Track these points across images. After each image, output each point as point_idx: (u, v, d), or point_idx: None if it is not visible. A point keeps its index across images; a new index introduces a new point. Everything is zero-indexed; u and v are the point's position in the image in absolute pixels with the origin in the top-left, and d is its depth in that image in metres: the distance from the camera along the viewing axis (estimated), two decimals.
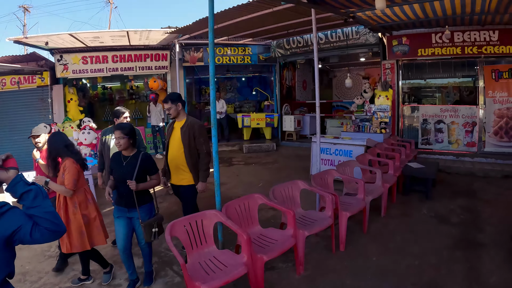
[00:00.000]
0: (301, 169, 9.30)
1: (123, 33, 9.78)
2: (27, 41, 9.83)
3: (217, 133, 11.49)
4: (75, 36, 9.64)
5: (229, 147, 12.99)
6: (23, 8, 26.43)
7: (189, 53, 13.00)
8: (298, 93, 15.16)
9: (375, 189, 5.62)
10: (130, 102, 15.67)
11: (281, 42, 12.52)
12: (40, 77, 11.68)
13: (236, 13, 7.16)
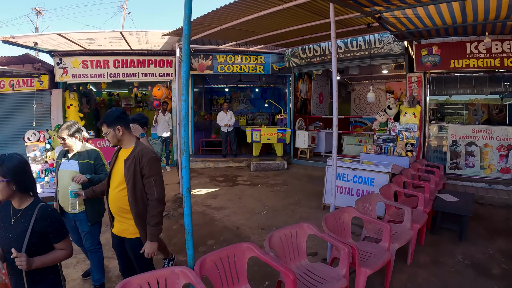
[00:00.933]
0: (313, 194, 8.13)
1: (117, 34, 8.93)
2: (16, 41, 9.07)
3: (225, 148, 10.80)
4: (65, 36, 8.90)
5: (236, 164, 11.87)
6: (36, 11, 26.31)
7: (197, 61, 12.13)
8: (313, 106, 13.96)
9: (403, 233, 4.44)
10: (137, 109, 15.29)
11: (296, 50, 11.41)
12: (38, 80, 11.25)
13: (240, 9, 6.08)
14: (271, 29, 7.64)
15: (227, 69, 12.19)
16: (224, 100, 16.45)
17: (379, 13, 5.89)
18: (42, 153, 8.31)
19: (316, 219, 6.48)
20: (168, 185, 9.31)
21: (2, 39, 8.74)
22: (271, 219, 6.70)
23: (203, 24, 6.96)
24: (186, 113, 3.09)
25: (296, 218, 6.71)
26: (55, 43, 9.80)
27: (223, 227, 6.43)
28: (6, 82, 11.46)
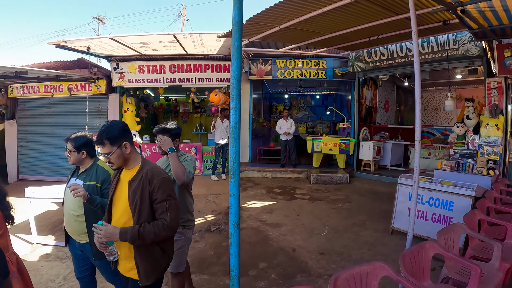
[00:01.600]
0: (379, 215, 7.24)
1: (170, 37, 8.57)
2: (68, 45, 9.08)
3: (283, 157, 10.19)
4: (117, 40, 8.75)
5: (295, 175, 11.18)
6: (98, 19, 27.37)
7: (256, 66, 11.64)
8: (379, 115, 12.96)
9: (490, 275, 3.54)
10: (195, 115, 15.20)
11: (361, 54, 10.53)
12: (96, 84, 11.32)
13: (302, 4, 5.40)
14: (335, 29, 6.91)
15: (287, 75, 11.59)
16: (283, 107, 15.91)
17: (462, 5, 5.02)
18: None
19: (383, 245, 5.70)
20: (221, 195, 8.93)
21: (55, 44, 8.73)
22: (332, 242, 5.96)
23: (261, 24, 6.36)
24: (237, 124, 2.48)
25: (359, 243, 5.91)
26: (110, 48, 9.75)
27: (278, 247, 5.82)
28: (65, 86, 11.61)
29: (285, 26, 6.38)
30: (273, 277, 4.85)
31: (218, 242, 6.17)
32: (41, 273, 5.33)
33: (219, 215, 7.67)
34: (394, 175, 10.02)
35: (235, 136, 2.46)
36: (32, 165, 12.45)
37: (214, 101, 11.41)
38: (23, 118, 12.53)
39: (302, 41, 8.03)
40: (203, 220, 7.38)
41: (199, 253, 5.77)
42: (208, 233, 6.63)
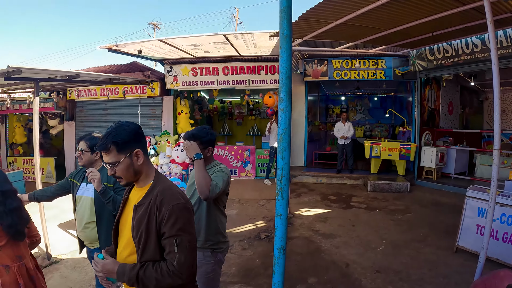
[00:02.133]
0: (442, 230, 6.54)
1: (221, 37, 8.40)
2: (120, 49, 9.30)
3: (340, 162, 9.75)
4: (167, 42, 8.73)
5: (351, 181, 10.68)
6: (153, 25, 28.54)
7: (311, 66, 11.27)
8: (442, 118, 12.02)
9: None
10: (249, 118, 15.14)
11: (423, 51, 9.70)
12: (150, 87, 11.51)
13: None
14: (394, 24, 6.35)
15: (344, 75, 11.09)
16: (340, 110, 15.44)
17: None
18: None
19: (446, 265, 5.14)
20: (274, 201, 8.60)
21: (107, 48, 8.91)
22: (389, 258, 5.47)
23: (314, 20, 5.95)
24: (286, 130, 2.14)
25: (420, 261, 5.35)
26: (162, 51, 9.82)
27: (330, 261, 5.46)
28: (120, 89, 11.94)
29: (340, 21, 5.94)
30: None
31: (267, 251, 5.93)
32: (86, 270, 5.46)
33: (270, 221, 7.44)
34: (458, 185, 9.36)
35: (284, 145, 2.12)
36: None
37: (269, 103, 11.20)
38: (81, 119, 13.11)
39: (359, 39, 7.54)
40: (253, 227, 7.21)
41: (246, 262, 5.59)
42: (258, 240, 6.44)
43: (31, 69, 5.99)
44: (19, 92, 10.49)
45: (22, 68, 5.69)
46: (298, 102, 11.86)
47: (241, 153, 11.54)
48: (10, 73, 5.84)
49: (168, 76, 11.58)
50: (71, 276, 5.32)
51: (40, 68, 6.30)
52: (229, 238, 6.31)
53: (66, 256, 6.04)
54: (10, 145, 14.33)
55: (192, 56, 10.60)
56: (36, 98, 6.19)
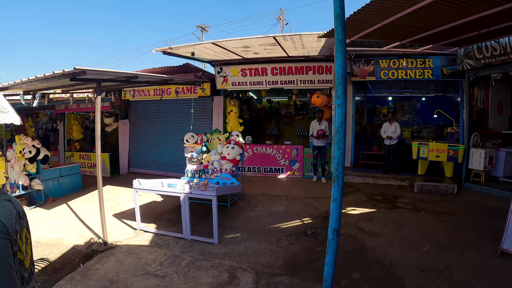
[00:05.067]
0: (487, 233, 6.49)
1: (270, 39, 8.66)
2: (174, 52, 9.81)
3: (387, 163, 9.74)
4: (219, 45, 9.15)
5: (398, 182, 10.63)
6: (201, 28, 29.52)
7: (358, 66, 11.30)
8: (491, 119, 11.54)
9: None
10: (296, 117, 15.45)
11: (470, 50, 9.45)
12: (201, 87, 12.00)
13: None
14: (441, 22, 6.33)
15: (391, 75, 11.03)
16: (387, 110, 15.32)
17: None
18: (198, 154, 8.96)
19: (490, 268, 5.17)
20: (320, 199, 8.87)
21: (162, 51, 9.45)
22: (433, 259, 5.57)
23: (362, 21, 6.07)
24: (342, 123, 2.42)
25: (463, 263, 5.40)
26: (213, 53, 10.20)
27: (374, 259, 5.62)
28: (172, 89, 12.50)
29: (387, 22, 6.04)
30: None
31: (312, 247, 6.18)
32: (140, 256, 5.88)
33: (316, 218, 7.66)
34: (507, 189, 9.11)
35: (340, 136, 2.38)
36: (141, 160, 13.72)
37: (316, 103, 11.41)
38: (135, 118, 13.84)
39: (406, 38, 7.54)
40: (300, 223, 7.44)
41: (292, 256, 5.85)
42: (304, 236, 6.68)
43: (94, 70, 6.38)
44: (77, 92, 11.15)
45: (87, 69, 6.09)
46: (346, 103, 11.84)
47: (289, 152, 11.80)
48: (76, 74, 6.24)
49: (218, 77, 11.99)
50: (126, 260, 5.73)
51: (102, 69, 6.70)
52: (276, 232, 6.60)
53: (121, 243, 6.51)
54: (67, 141, 15.44)
55: (241, 57, 10.90)
56: (98, 97, 6.67)
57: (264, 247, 6.22)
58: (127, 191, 10.26)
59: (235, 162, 8.65)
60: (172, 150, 12.89)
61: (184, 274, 5.24)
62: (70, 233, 7.12)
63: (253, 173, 12.00)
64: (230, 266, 5.50)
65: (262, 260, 5.72)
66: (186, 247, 6.28)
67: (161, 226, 7.32)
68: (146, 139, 13.59)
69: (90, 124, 16.21)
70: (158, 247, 6.27)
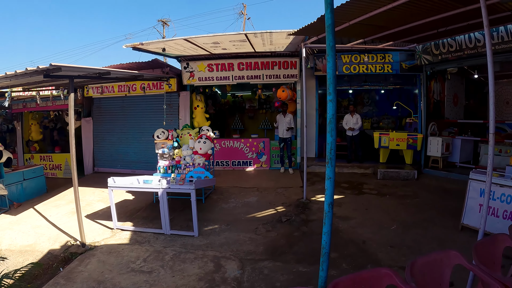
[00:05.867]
0: (448, 212, 7.21)
1: (241, 36, 8.90)
2: (144, 47, 9.71)
3: (350, 153, 10.27)
4: (190, 41, 9.20)
5: (361, 170, 11.27)
6: (162, 22, 29.08)
7: (321, 61, 11.74)
8: (447, 109, 12.50)
9: None
10: (260, 111, 15.64)
11: (428, 46, 10.29)
12: (167, 83, 11.88)
13: (373, 2, 5.51)
14: (402, 23, 6.84)
15: (353, 70, 11.63)
16: (348, 102, 15.86)
17: None
18: (170, 150, 8.92)
19: (453, 241, 5.78)
20: (290, 188, 9.23)
21: (132, 46, 9.34)
22: (401, 236, 6.11)
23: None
24: (333, 116, 2.78)
25: (428, 237, 6.02)
26: (182, 49, 10.24)
27: (348, 239, 6.05)
28: (138, 85, 12.35)
29: (354, 22, 6.44)
30: (344, 266, 5.10)
31: (289, 233, 6.51)
32: (122, 255, 5.85)
33: (289, 207, 7.99)
34: (463, 173, 9.89)
35: (332, 126, 2.72)
36: (107, 159, 13.41)
37: (282, 97, 11.65)
38: (99, 115, 13.47)
39: (369, 36, 8.04)
40: (274, 212, 7.74)
41: (272, 242, 6.13)
42: (280, 223, 6.97)
43: (69, 66, 6.19)
44: (41, 89, 10.89)
45: (62, 66, 5.91)
46: (310, 96, 12.26)
47: (256, 145, 12.06)
48: (50, 71, 6.05)
49: (185, 72, 12.01)
50: (109, 260, 5.69)
51: (77, 66, 6.55)
52: (252, 221, 6.86)
53: (100, 243, 6.41)
54: (26, 143, 14.67)
55: (209, 52, 10.97)
56: (71, 95, 6.44)
57: (244, 236, 6.45)
58: (96, 191, 10.07)
59: (207, 156, 8.80)
60: (139, 147, 12.80)
61: (170, 267, 5.33)
62: (43, 238, 6.85)
63: (221, 167, 12.16)
64: (214, 256, 5.67)
65: (243, 248, 5.95)
66: (167, 242, 6.35)
67: (138, 224, 7.32)
68: (111, 137, 13.34)
69: (49, 123, 15.52)
70: (139, 244, 6.29)
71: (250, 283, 4.79)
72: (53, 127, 15.38)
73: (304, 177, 8.60)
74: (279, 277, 4.93)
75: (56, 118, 15.69)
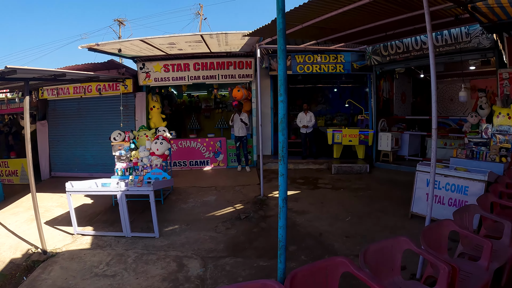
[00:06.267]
0: (399, 201, 7.67)
1: (197, 37, 8.99)
2: (100, 48, 9.55)
3: (305, 149, 10.57)
4: (147, 42, 9.17)
5: (316, 166, 11.66)
6: (118, 22, 28.48)
7: (276, 61, 11.96)
8: (396, 107, 13.17)
9: (501, 251, 4.00)
10: (216, 111, 15.63)
11: (378, 48, 10.87)
12: (123, 84, 11.69)
13: (325, 4, 5.75)
14: (353, 26, 7.30)
15: (306, 69, 11.95)
16: (302, 101, 16.20)
17: (471, 2, 5.41)
18: (127, 152, 8.74)
19: (404, 228, 6.18)
20: (248, 186, 9.40)
21: (88, 47, 9.14)
22: (356, 226, 6.46)
23: (286, 23, 6.68)
24: (285, 115, 2.91)
25: (381, 226, 6.42)
26: (138, 49, 10.16)
27: (305, 233, 6.29)
28: (94, 87, 12.06)
29: (307, 24, 6.72)
30: (303, 258, 5.31)
31: (248, 229, 6.67)
32: (84, 260, 5.74)
33: (247, 204, 8.15)
34: (412, 165, 10.29)
35: (284, 125, 2.88)
36: (64, 163, 12.96)
37: (237, 96, 11.83)
38: (54, 118, 13.00)
39: (322, 38, 8.37)
40: (233, 210, 7.86)
41: (232, 239, 6.25)
42: (239, 221, 7.11)
43: (25, 69, 6.07)
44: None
45: (18, 68, 5.73)
46: (264, 96, 12.39)
47: (213, 144, 12.13)
48: (5, 74, 5.83)
49: (141, 73, 11.90)
50: (71, 266, 5.57)
51: (33, 68, 6.42)
52: (212, 220, 6.95)
53: (61, 250, 6.24)
54: None
55: (165, 53, 10.97)
56: (27, 98, 6.24)
57: (204, 235, 6.52)
58: (54, 197, 9.73)
59: (164, 157, 8.78)
60: (95, 150, 12.49)
61: (133, 270, 5.31)
62: (3, 247, 6.58)
63: (179, 167, 12.11)
64: (176, 256, 5.71)
65: (204, 246, 6.02)
66: (129, 244, 6.29)
67: (98, 228, 7.20)
68: (67, 140, 12.92)
69: (4, 127, 14.89)
70: (100, 248, 6.20)
71: (213, 280, 4.87)
72: (8, 131, 14.79)
73: (261, 174, 8.80)
74: (241, 272, 5.05)
75: (10, 122, 15.14)
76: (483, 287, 3.42)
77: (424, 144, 12.19)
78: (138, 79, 12.05)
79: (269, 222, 6.96)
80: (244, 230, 6.62)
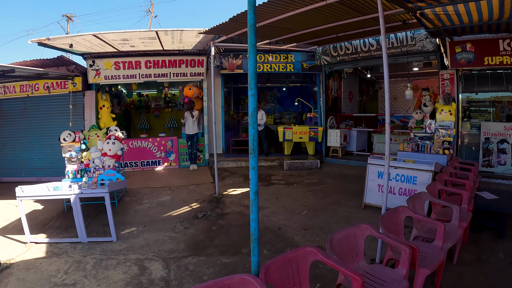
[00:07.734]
0: (351, 194, 8.08)
1: (152, 33, 8.85)
2: (51, 43, 9.13)
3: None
4: (99, 37, 8.88)
5: (268, 163, 11.90)
6: (67, 17, 27.42)
7: (227, 60, 12.13)
8: (344, 105, 13.86)
9: (452, 232, 4.43)
10: (166, 110, 15.50)
11: (327, 48, 11.33)
12: (72, 82, 11.26)
13: (282, 6, 5.95)
14: (306, 26, 7.61)
15: (258, 68, 12.13)
16: None
17: (420, 9, 5.82)
18: (77, 153, 8.41)
19: (358, 218, 6.51)
20: (202, 185, 9.43)
21: (38, 42, 8.76)
22: (312, 219, 6.69)
23: (240, 21, 6.79)
24: (255, 109, 2.89)
25: (337, 218, 6.70)
26: (89, 45, 9.81)
27: (264, 228, 6.40)
28: (41, 85, 11.57)
29: (262, 24, 6.89)
30: (265, 252, 5.41)
31: (207, 227, 6.67)
32: (41, 270, 5.43)
33: (203, 203, 8.16)
34: (360, 159, 11.17)
35: (254, 119, 2.93)
36: (9, 167, 12.25)
37: (189, 94, 11.76)
38: None
39: (275, 37, 8.63)
40: (189, 209, 7.83)
41: (192, 238, 6.22)
42: (196, 220, 7.09)
43: None
44: None
45: None
46: (216, 94, 12.25)
47: (164, 144, 12.01)
48: None
49: (91, 71, 11.53)
50: (28, 277, 5.27)
51: None
52: (169, 220, 6.88)
53: (15, 260, 5.89)
54: None
55: (116, 50, 10.67)
56: None
57: (163, 235, 6.44)
58: (1, 204, 9.03)
59: (116, 157, 8.59)
60: (43, 152, 11.91)
61: (94, 276, 5.10)
62: None
63: (130, 168, 11.89)
64: (137, 259, 5.58)
65: (165, 247, 5.95)
66: (86, 250, 6.05)
67: (52, 234, 6.82)
68: (13, 142, 12.19)
69: None
70: (56, 256, 5.89)
71: (178, 280, 4.83)
72: None
73: (215, 173, 8.86)
74: (205, 270, 5.05)
75: None
76: (439, 264, 3.77)
77: (370, 140, 12.81)
78: (88, 77, 11.66)
79: (227, 219, 7.03)
80: (203, 229, 6.62)
